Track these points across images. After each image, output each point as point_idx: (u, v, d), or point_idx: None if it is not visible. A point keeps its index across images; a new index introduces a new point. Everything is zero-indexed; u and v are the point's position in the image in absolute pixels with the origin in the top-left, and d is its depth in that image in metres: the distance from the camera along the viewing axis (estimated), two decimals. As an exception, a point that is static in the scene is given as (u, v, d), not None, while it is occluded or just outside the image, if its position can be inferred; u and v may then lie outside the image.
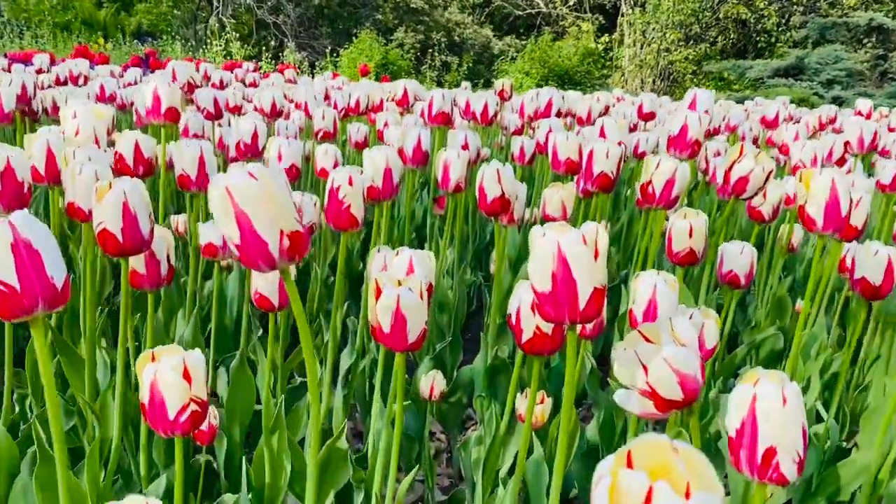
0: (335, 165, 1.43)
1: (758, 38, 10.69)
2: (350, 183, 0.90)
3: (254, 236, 0.51)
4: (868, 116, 2.85)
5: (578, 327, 0.66)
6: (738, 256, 1.13)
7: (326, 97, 2.37)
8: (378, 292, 0.71)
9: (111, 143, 1.23)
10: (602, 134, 1.67)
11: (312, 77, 4.76)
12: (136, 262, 0.83)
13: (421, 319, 0.71)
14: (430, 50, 9.97)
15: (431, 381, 1.22)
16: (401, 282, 0.71)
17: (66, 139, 1.11)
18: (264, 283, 0.81)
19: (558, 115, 1.86)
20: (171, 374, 0.60)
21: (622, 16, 11.26)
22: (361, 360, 1.29)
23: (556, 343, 0.78)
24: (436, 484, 1.38)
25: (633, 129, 2.57)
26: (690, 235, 1.01)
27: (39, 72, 3.06)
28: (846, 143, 1.78)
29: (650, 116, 2.17)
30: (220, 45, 8.23)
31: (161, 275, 0.84)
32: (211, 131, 1.93)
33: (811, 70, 7.34)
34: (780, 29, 10.17)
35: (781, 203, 1.43)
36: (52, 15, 9.11)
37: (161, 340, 1.26)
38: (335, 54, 9.40)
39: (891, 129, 2.80)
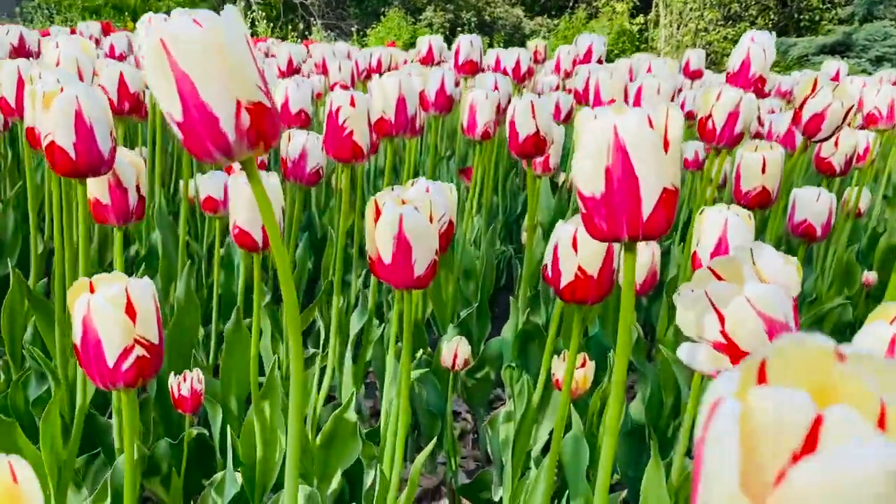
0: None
1: (800, 17, 10.29)
2: (352, 104, 0.76)
3: (200, 109, 0.37)
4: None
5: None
6: (813, 203, 0.96)
7: (348, 57, 2.23)
8: (377, 214, 0.57)
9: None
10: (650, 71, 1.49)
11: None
12: (98, 190, 0.69)
13: (430, 248, 0.57)
14: (460, 29, 9.77)
15: (455, 349, 1.08)
16: (405, 200, 0.57)
17: (42, 66, 0.98)
18: (246, 215, 0.67)
19: (599, 62, 1.69)
20: (109, 307, 0.46)
21: (658, -5, 10.94)
22: (378, 325, 1.16)
23: (602, 288, 0.63)
24: (460, 466, 1.24)
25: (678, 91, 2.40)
26: (763, 171, 0.84)
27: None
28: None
29: (697, 74, 1.99)
30: (247, 25, 8.16)
31: (129, 206, 0.71)
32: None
33: (859, 47, 7.00)
34: (824, 6, 9.77)
35: (855, 154, 1.26)
36: (82, -1, 9.11)
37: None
38: (363, 35, 9.26)
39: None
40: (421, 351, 1.23)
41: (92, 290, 0.48)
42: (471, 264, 1.50)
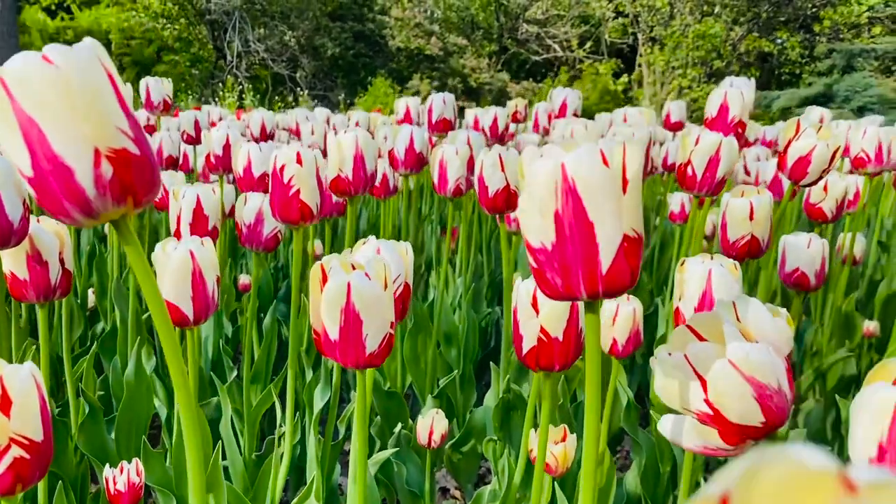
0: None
1: (781, 71, 10.47)
2: (298, 160, 0.69)
3: (52, 160, 0.31)
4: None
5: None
6: (804, 250, 0.90)
7: (327, 122, 2.20)
8: (323, 281, 0.50)
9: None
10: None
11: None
12: (14, 264, 0.62)
13: (383, 321, 0.50)
14: (447, 96, 9.92)
15: (430, 425, 0.99)
16: (354, 265, 0.50)
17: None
18: (174, 287, 0.60)
19: (575, 116, 1.66)
20: (-24, 402, 0.39)
21: (640, 56, 11.14)
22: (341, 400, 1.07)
23: (569, 352, 0.55)
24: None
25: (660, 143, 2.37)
26: (751, 217, 0.78)
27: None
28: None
29: (678, 126, 1.95)
30: (234, 97, 8.24)
31: (51, 280, 0.64)
32: (192, 157, 1.76)
33: (841, 98, 7.08)
34: (803, 60, 9.95)
35: (846, 199, 1.20)
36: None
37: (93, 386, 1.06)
38: (350, 104, 9.38)
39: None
40: (400, 425, 1.14)
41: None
42: (452, 328, 1.42)
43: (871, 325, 1.48)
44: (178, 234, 0.84)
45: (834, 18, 9.80)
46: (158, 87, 1.54)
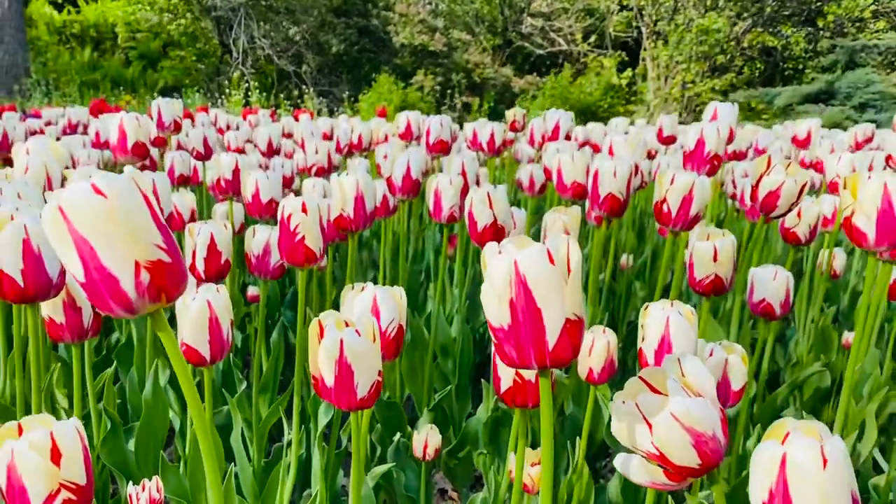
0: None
1: (785, 66, 10.50)
2: (304, 210, 0.77)
3: (100, 271, 0.39)
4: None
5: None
6: (770, 282, 0.97)
7: (330, 134, 2.27)
8: (320, 335, 0.57)
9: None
10: (611, 153, 1.52)
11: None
12: (53, 311, 0.70)
13: (372, 369, 0.58)
14: (450, 91, 9.97)
15: (425, 439, 1.07)
16: (348, 322, 0.58)
17: (10, 177, 1.01)
18: (193, 334, 0.68)
19: (567, 138, 1.73)
20: (32, 454, 0.47)
21: (644, 50, 11.17)
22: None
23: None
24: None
25: (653, 155, 2.43)
26: (715, 259, 0.85)
27: (48, 124, 3.04)
28: (888, 158, 1.61)
29: (670, 140, 2.02)
30: (240, 95, 8.31)
31: (84, 324, 0.72)
32: (202, 172, 1.84)
33: (843, 94, 7.11)
34: (807, 55, 9.97)
35: (819, 223, 1.27)
36: (80, 74, 9.32)
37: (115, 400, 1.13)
38: (354, 100, 9.44)
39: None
40: (399, 435, 1.22)
41: (20, 433, 0.49)
42: (448, 340, 1.50)
43: (849, 337, 1.55)
44: (192, 269, 0.92)
45: (838, 13, 9.81)
46: (169, 108, 1.61)
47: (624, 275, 1.91)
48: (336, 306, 1.42)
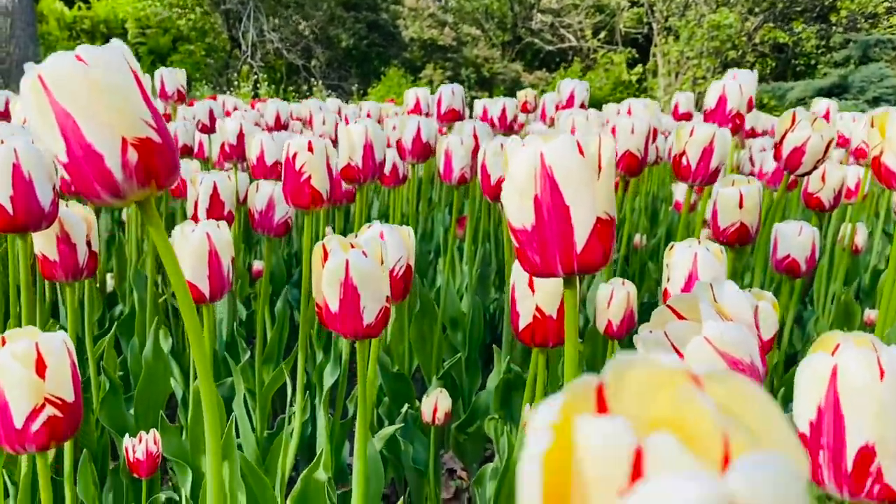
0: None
1: (796, 62, 10.41)
2: (310, 149, 0.74)
3: (84, 147, 0.35)
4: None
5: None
6: (795, 238, 0.93)
7: (338, 112, 2.24)
8: (324, 259, 0.54)
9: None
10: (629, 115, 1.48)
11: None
12: (45, 246, 0.67)
13: (379, 294, 0.54)
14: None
15: (434, 403, 1.03)
16: (354, 245, 0.54)
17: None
18: (192, 267, 0.64)
19: (582, 107, 1.68)
20: (16, 364, 0.43)
21: (655, 45, 11.10)
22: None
23: (562, 328, 0.59)
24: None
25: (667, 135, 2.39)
26: (741, 206, 0.81)
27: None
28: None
29: (686, 117, 1.98)
30: (249, 87, 8.31)
31: (79, 261, 0.68)
32: (207, 145, 1.81)
33: (856, 89, 7.04)
34: (819, 51, 9.88)
35: (844, 188, 1.23)
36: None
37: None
38: (363, 94, 9.41)
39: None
40: (406, 406, 1.18)
41: (3, 344, 0.45)
42: (458, 314, 1.46)
43: (872, 314, 1.50)
44: (195, 219, 0.88)
45: (851, 8, 9.72)
46: (172, 77, 1.58)
47: (637, 255, 1.87)
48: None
